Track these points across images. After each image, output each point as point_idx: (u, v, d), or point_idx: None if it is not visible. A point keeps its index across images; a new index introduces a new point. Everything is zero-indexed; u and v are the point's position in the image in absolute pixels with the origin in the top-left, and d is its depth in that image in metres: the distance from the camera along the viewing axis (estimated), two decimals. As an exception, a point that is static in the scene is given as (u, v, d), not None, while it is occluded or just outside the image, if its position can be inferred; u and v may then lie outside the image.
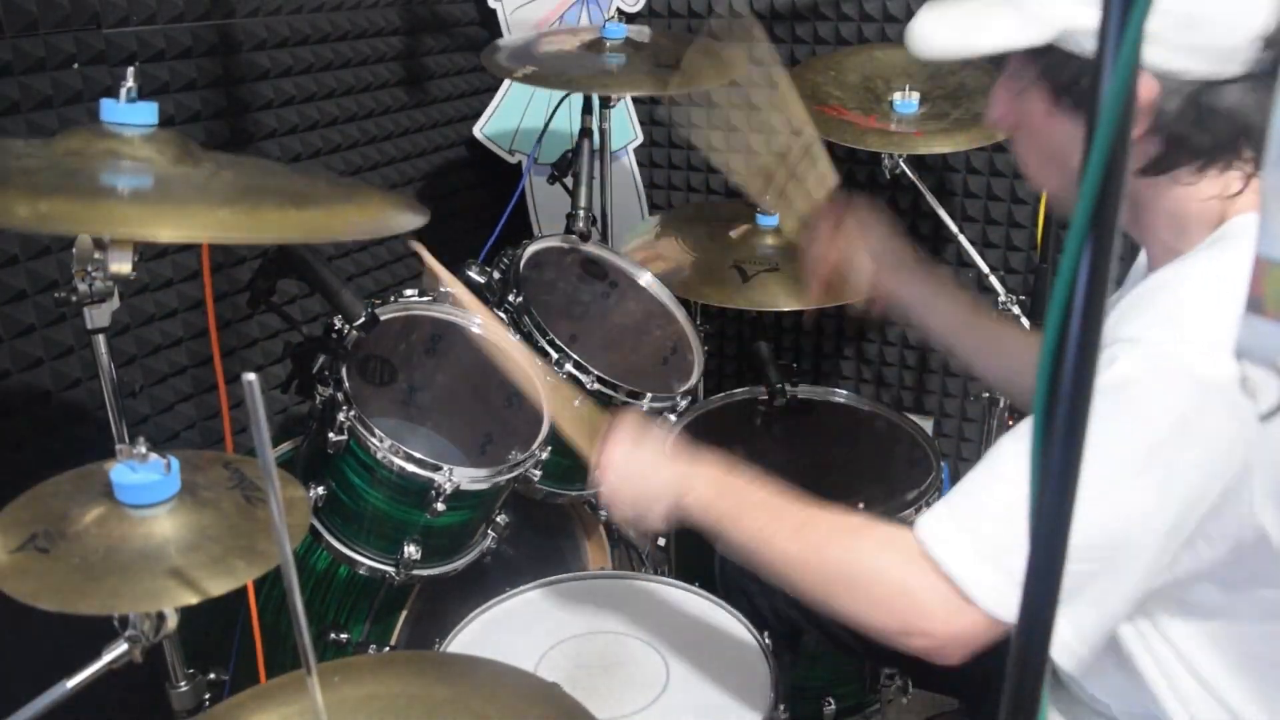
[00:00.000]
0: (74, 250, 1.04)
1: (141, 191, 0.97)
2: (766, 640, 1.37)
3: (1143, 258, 1.12)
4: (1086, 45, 0.82)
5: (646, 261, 2.00)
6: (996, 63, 1.03)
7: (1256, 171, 0.96)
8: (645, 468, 1.19)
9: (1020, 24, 0.94)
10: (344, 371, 1.44)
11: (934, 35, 0.99)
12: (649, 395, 1.75)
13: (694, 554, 1.87)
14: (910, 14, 2.29)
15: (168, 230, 0.92)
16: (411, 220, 1.08)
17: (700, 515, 1.13)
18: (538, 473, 1.60)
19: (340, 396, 1.42)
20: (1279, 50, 0.90)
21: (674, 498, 1.15)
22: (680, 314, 1.97)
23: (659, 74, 1.85)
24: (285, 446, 1.68)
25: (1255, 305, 0.43)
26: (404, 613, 1.67)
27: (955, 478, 2.54)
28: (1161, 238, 1.03)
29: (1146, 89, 0.91)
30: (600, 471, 1.21)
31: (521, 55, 1.94)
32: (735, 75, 1.90)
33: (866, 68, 2.07)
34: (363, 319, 1.44)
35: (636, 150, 2.68)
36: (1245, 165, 0.97)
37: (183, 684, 1.20)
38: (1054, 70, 0.97)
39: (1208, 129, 0.93)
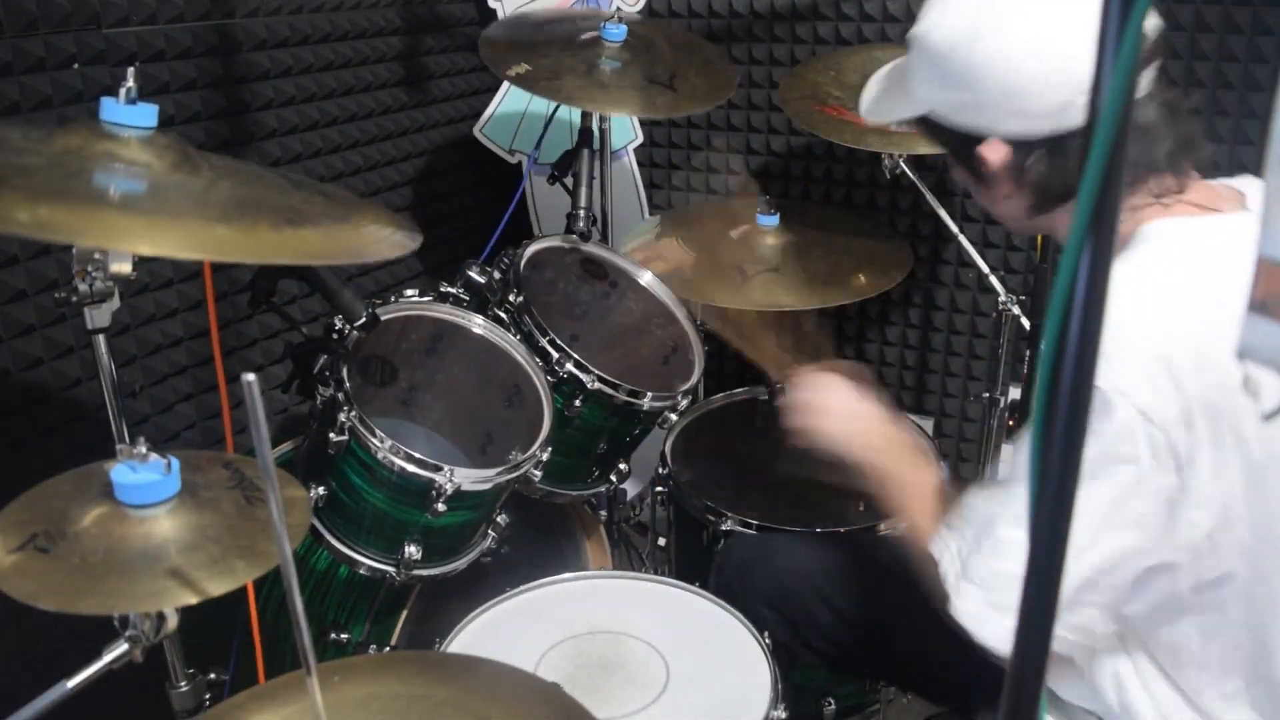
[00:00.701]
0: (74, 250, 1.04)
1: (139, 201, 0.96)
2: (766, 640, 1.37)
3: None
4: (950, 119, 1.10)
5: (646, 261, 2.00)
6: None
7: (1145, 188, 1.06)
8: (857, 423, 1.32)
9: (903, 104, 1.17)
10: (344, 371, 1.44)
11: (866, 109, 1.30)
12: (649, 395, 1.75)
13: (694, 554, 1.87)
14: (910, 14, 2.30)
15: (165, 246, 0.91)
16: (406, 241, 1.09)
17: (883, 490, 1.28)
18: (538, 473, 1.60)
19: (341, 396, 1.42)
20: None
21: (868, 460, 1.28)
22: (680, 314, 1.97)
23: (650, 91, 1.84)
24: (285, 446, 1.68)
25: (1258, 306, 0.43)
26: (404, 613, 1.67)
27: (955, 478, 2.55)
28: None
29: (995, 154, 1.07)
30: (808, 405, 1.33)
31: (518, 38, 1.90)
32: (727, 96, 1.93)
33: (866, 67, 2.06)
34: (363, 319, 1.44)
35: (636, 150, 2.68)
36: (1144, 185, 1.05)
37: (183, 684, 1.20)
38: (934, 131, 1.16)
39: (1067, 173, 1.05)
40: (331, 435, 1.42)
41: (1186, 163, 1.07)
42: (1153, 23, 1.06)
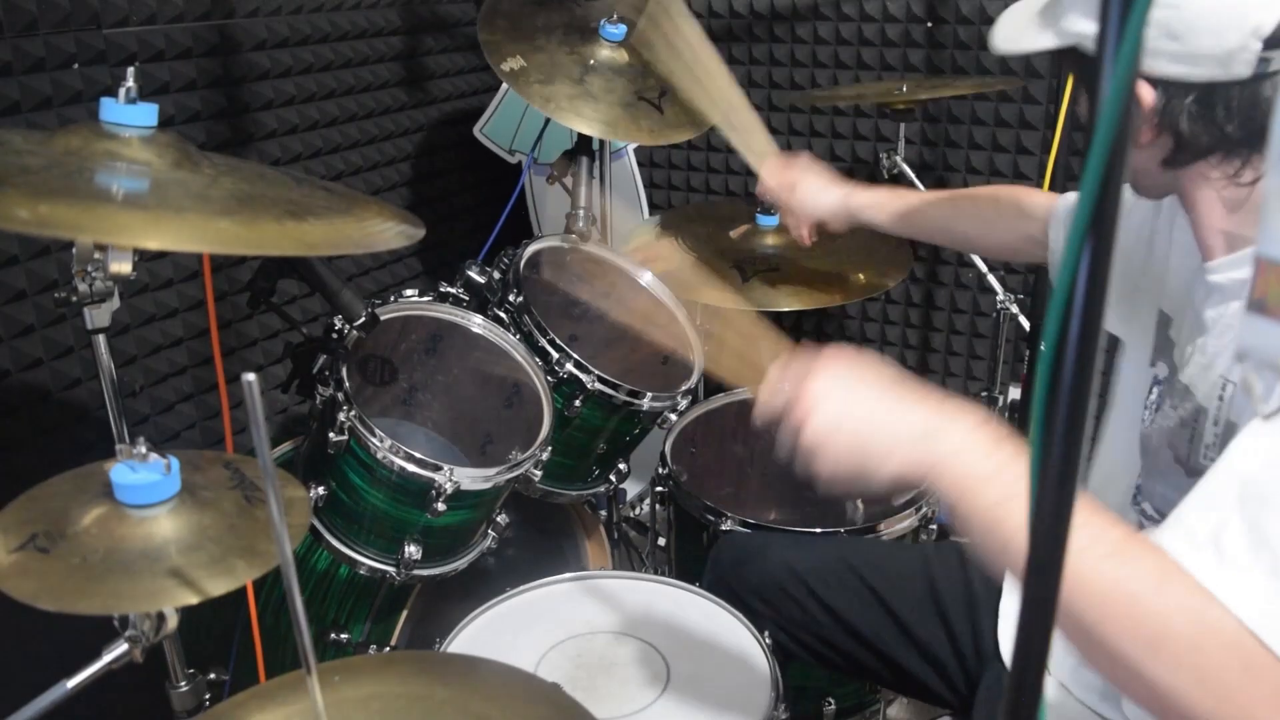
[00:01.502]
0: (74, 250, 1.04)
1: (141, 197, 0.97)
2: (767, 640, 1.37)
3: (1190, 245, 1.09)
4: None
5: (646, 261, 2.00)
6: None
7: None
8: (874, 407, 0.93)
9: (1047, 34, 1.04)
10: (344, 371, 1.44)
11: (1002, 39, 1.13)
12: (649, 395, 1.75)
13: (694, 554, 1.87)
14: (910, 14, 2.30)
15: (168, 239, 0.92)
16: (409, 233, 1.09)
17: (955, 486, 0.85)
18: (538, 472, 1.60)
19: (340, 396, 1.42)
20: None
21: (918, 453, 0.88)
22: (680, 314, 1.97)
23: (637, 110, 1.82)
24: (285, 446, 1.68)
25: (1257, 305, 0.43)
26: (404, 613, 1.67)
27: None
28: (1218, 225, 1.03)
29: (1146, 95, 0.97)
30: (796, 408, 0.94)
31: (519, 19, 1.87)
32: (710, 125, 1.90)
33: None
34: (363, 319, 1.44)
35: (636, 150, 2.68)
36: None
37: (183, 684, 1.20)
38: (1078, 65, 1.07)
39: (1216, 126, 0.97)
40: (331, 435, 1.42)
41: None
42: None
